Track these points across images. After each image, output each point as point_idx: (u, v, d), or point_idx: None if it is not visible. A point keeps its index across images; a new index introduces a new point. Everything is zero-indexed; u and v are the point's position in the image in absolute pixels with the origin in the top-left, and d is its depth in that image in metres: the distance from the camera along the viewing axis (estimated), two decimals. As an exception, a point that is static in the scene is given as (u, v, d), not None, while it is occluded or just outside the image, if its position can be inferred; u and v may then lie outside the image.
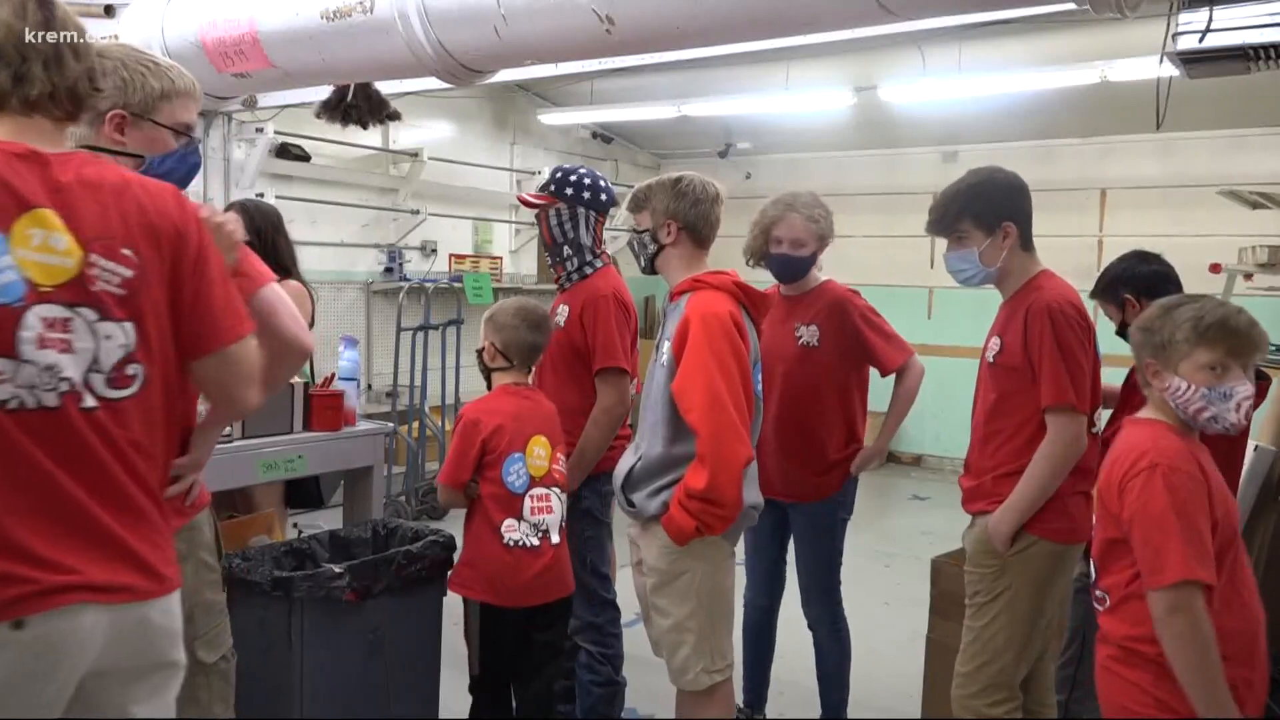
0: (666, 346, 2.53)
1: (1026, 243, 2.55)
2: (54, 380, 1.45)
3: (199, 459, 1.90)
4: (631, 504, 2.55)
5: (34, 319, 1.43)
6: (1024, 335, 2.44)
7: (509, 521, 2.68)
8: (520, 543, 2.69)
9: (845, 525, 3.23)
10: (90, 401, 1.48)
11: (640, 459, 2.54)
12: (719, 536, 2.47)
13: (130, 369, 1.52)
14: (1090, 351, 2.45)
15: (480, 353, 2.85)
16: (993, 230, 2.51)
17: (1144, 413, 1.96)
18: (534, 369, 3.03)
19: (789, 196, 3.09)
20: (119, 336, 1.50)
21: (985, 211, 2.52)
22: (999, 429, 2.52)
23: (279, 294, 1.85)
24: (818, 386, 3.08)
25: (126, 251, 1.51)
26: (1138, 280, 2.76)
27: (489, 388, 2.85)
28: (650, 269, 2.67)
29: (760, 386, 2.61)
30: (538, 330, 2.81)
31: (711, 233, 2.63)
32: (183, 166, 1.98)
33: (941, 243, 2.65)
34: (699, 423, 2.35)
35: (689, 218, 2.58)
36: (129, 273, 1.51)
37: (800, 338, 3.08)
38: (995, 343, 2.54)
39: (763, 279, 2.93)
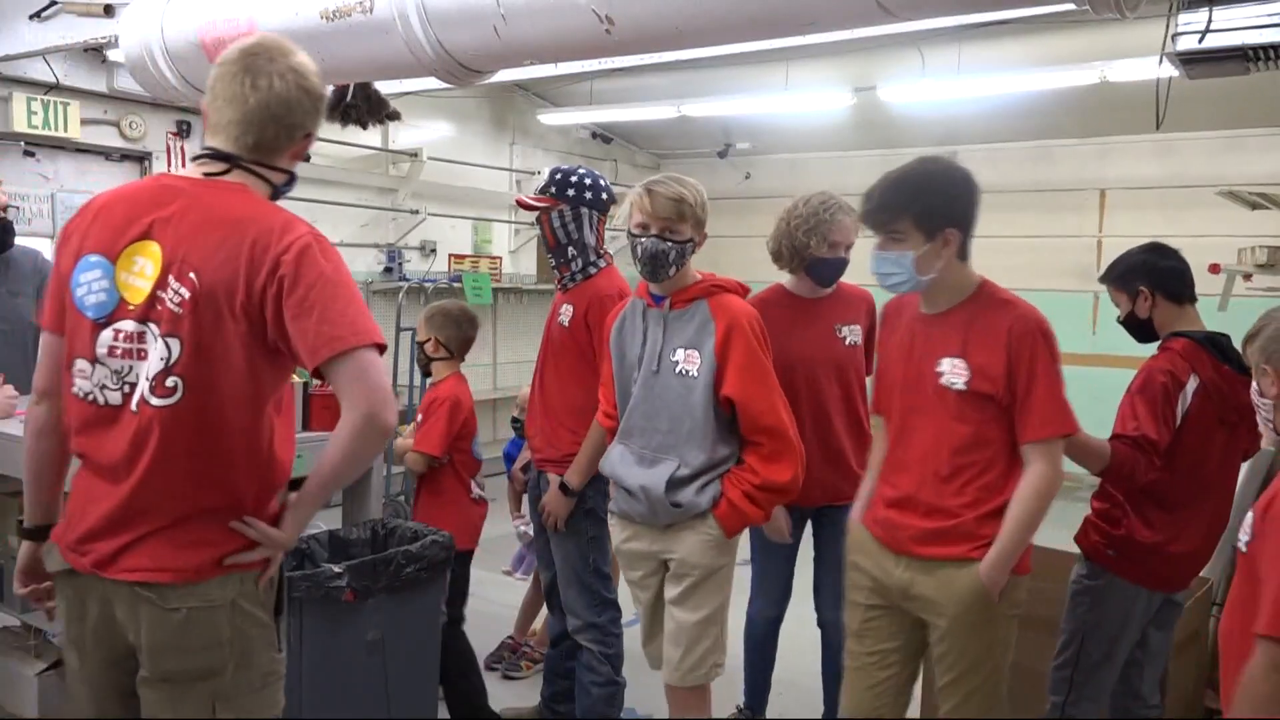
0: (687, 354, 2.52)
1: (964, 253, 2.30)
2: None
3: (287, 539, 1.81)
4: (679, 505, 2.52)
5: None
6: (1007, 359, 2.19)
7: (472, 482, 3.44)
8: (481, 497, 3.50)
9: None
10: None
11: (681, 466, 2.52)
12: None
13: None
14: None
15: (422, 346, 3.47)
16: (933, 235, 2.23)
17: None
18: (534, 370, 3.11)
19: (826, 198, 3.04)
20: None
21: (928, 213, 2.24)
22: (970, 463, 2.26)
23: (370, 362, 1.70)
24: (863, 383, 3.13)
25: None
26: (1157, 274, 2.70)
27: (427, 374, 3.56)
28: (667, 276, 2.59)
29: None
30: (472, 326, 3.49)
31: None
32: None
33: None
34: (778, 422, 2.50)
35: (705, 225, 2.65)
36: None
37: (845, 338, 3.09)
38: (958, 366, 2.24)
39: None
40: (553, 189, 2.99)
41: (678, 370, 2.53)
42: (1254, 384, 1.95)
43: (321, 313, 1.67)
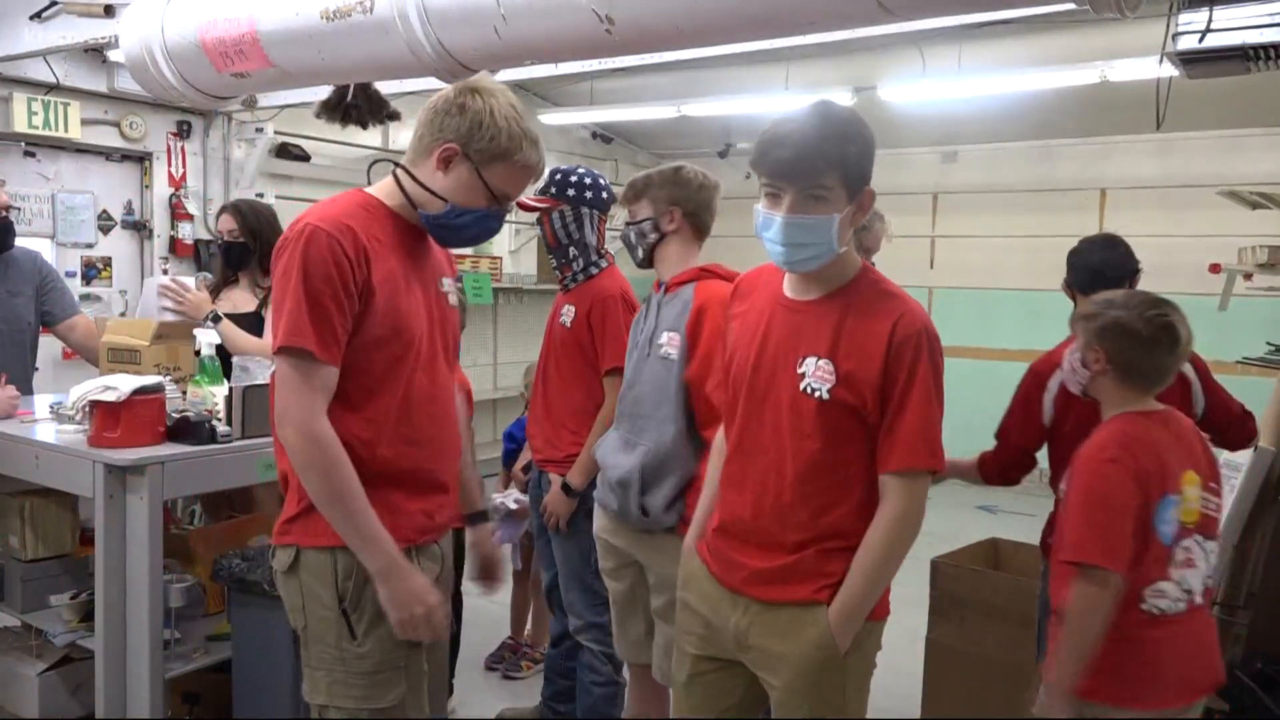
0: (669, 337, 2.50)
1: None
2: None
3: (394, 614, 1.80)
4: (646, 512, 2.49)
5: None
6: (884, 367, 1.78)
7: None
8: None
9: None
10: None
11: (648, 455, 2.48)
12: None
13: None
14: None
15: None
16: (854, 195, 1.80)
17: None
18: (536, 370, 3.13)
19: None
20: None
21: (857, 164, 1.79)
22: (820, 489, 1.83)
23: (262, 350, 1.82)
24: None
25: None
26: (1070, 269, 2.83)
27: None
28: (648, 261, 2.65)
29: None
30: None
31: (711, 222, 2.66)
32: (477, 228, 1.90)
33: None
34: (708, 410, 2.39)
35: (693, 204, 2.60)
36: None
37: None
38: (823, 369, 1.81)
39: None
40: (553, 189, 3.00)
41: (661, 353, 2.52)
42: (1077, 352, 2.16)
43: (277, 308, 1.77)
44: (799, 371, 1.82)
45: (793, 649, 1.85)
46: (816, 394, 1.80)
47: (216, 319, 3.20)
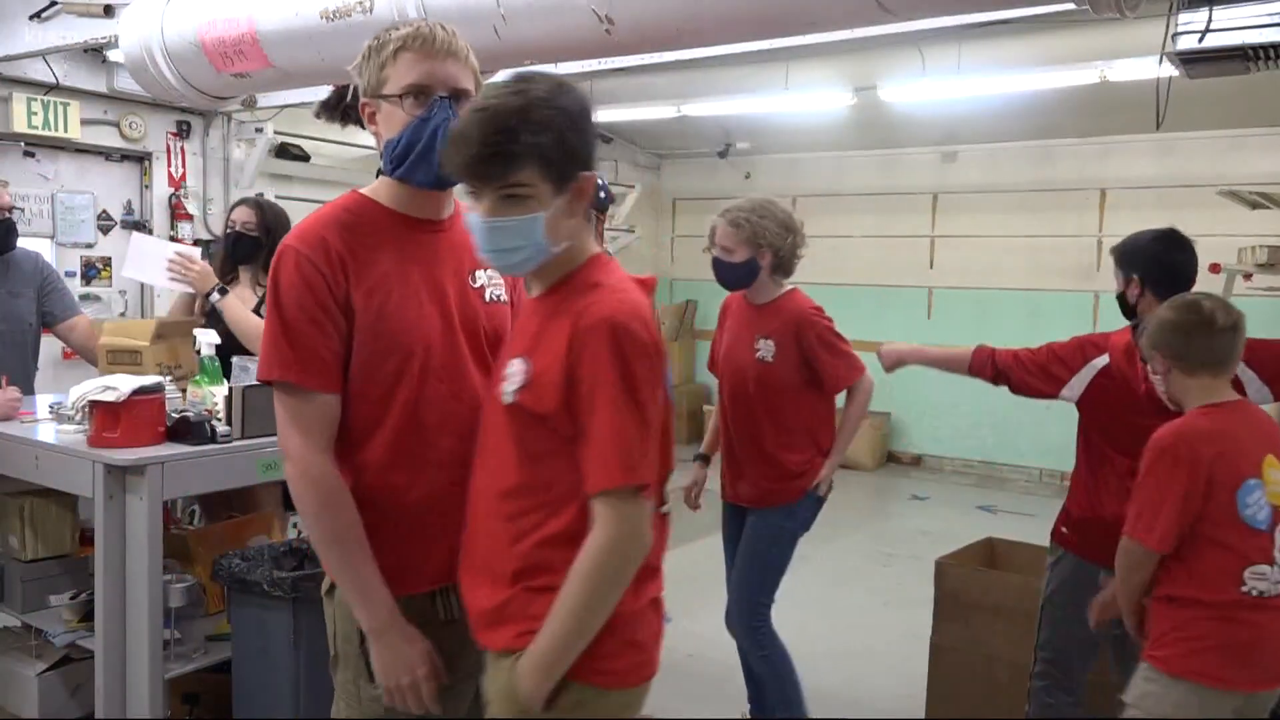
0: None
1: (587, 211, 1.63)
2: None
3: (382, 675, 1.69)
4: None
5: None
6: (566, 364, 1.49)
7: None
8: None
9: (793, 543, 3.08)
10: None
11: None
12: None
13: None
14: (664, 393, 1.56)
15: None
16: (564, 185, 1.53)
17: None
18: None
19: (739, 202, 3.06)
20: None
21: (559, 151, 1.50)
22: (526, 508, 1.55)
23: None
24: (771, 400, 3.03)
25: None
26: (1155, 266, 2.66)
27: None
28: None
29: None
30: None
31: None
32: (421, 143, 1.65)
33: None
34: None
35: None
36: None
37: (758, 351, 3.04)
38: (518, 369, 1.55)
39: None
40: (551, 189, 2.99)
41: None
42: (1149, 366, 2.35)
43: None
44: (505, 374, 1.59)
45: (491, 705, 1.58)
46: (504, 398, 1.57)
47: (224, 292, 3.22)
